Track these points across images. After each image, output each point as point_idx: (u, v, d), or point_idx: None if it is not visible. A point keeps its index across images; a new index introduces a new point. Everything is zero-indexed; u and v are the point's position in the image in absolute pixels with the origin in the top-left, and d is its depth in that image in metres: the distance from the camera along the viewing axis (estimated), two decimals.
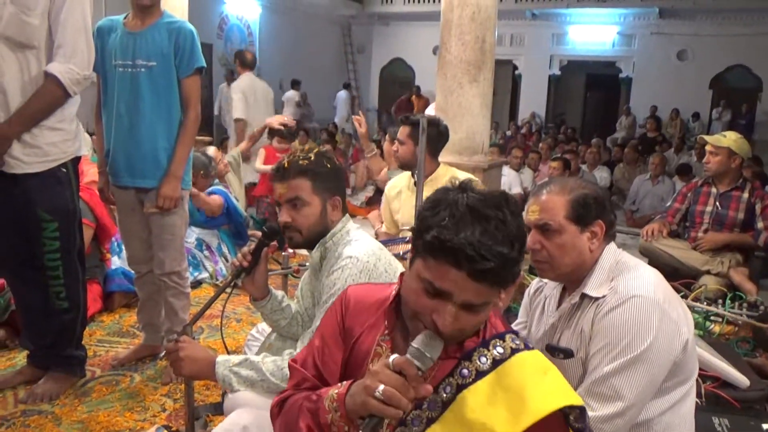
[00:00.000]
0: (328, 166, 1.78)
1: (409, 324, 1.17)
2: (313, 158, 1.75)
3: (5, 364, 2.68)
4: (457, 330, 1.08)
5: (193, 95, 2.51)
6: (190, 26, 2.49)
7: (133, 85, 2.43)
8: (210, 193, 4.08)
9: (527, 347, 1.14)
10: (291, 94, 13.42)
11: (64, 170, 2.27)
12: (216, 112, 10.46)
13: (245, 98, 5.42)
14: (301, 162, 1.74)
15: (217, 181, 4.28)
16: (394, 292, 1.25)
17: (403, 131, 3.05)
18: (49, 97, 2.15)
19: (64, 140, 2.24)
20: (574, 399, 1.07)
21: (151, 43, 2.43)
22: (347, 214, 1.87)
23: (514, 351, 1.12)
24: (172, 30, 2.44)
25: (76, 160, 2.35)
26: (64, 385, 2.47)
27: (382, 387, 1.00)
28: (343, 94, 14.96)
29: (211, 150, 4.79)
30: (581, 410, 1.06)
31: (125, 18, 2.51)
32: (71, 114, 2.27)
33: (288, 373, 1.63)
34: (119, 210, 2.69)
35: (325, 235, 1.80)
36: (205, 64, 2.54)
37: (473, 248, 1.01)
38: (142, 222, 2.62)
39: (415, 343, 1.05)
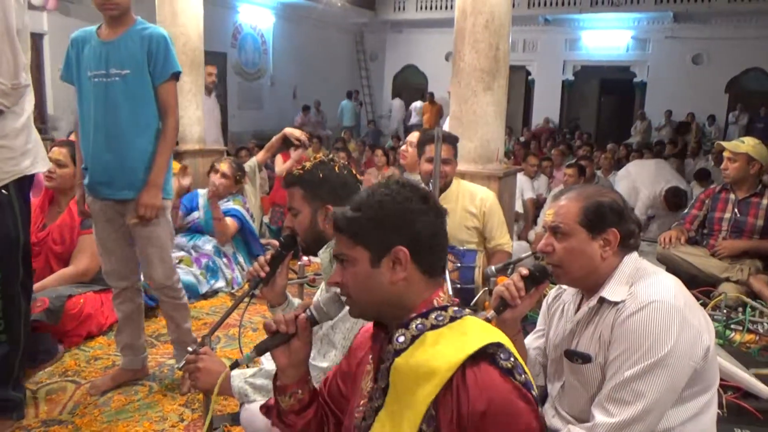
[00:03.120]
0: (321, 175, 1.80)
1: None
2: (307, 167, 1.82)
3: (25, 373, 2.70)
4: (344, 289, 1.22)
5: (170, 102, 2.44)
6: (163, 31, 2.43)
7: (108, 94, 2.37)
8: (225, 213, 4.09)
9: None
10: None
11: (5, 192, 2.06)
12: None
13: None
14: (295, 172, 1.83)
15: (235, 196, 4.27)
16: None
17: (447, 149, 2.90)
18: None
19: (6, 159, 2.03)
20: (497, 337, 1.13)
21: (124, 51, 2.36)
22: None
23: (453, 318, 1.16)
24: (144, 36, 2.37)
25: (25, 180, 2.14)
26: None
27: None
28: (397, 101, 15.59)
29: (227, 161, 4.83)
30: (502, 346, 1.11)
31: (98, 28, 2.44)
32: (15, 129, 2.05)
33: None
34: (95, 222, 2.58)
35: (322, 242, 1.83)
36: (180, 69, 2.47)
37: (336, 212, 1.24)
38: (119, 234, 2.53)
39: (321, 296, 1.25)
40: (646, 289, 1.48)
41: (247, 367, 1.80)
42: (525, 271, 1.65)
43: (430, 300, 1.19)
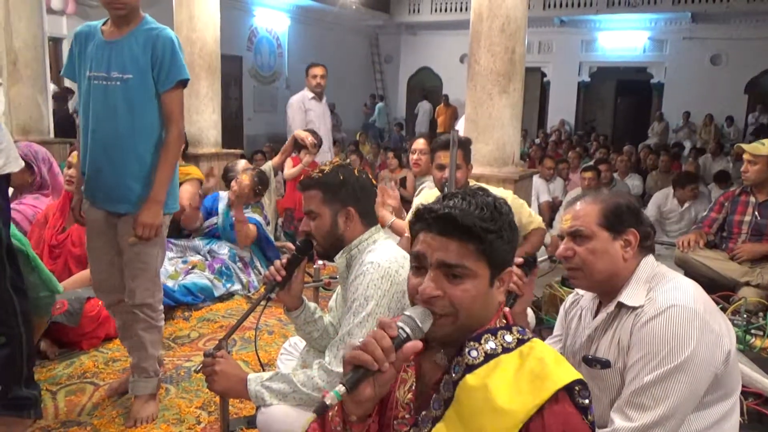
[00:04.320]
0: (341, 178, 1.81)
1: None
2: (326, 171, 1.82)
3: (45, 375, 2.74)
4: (447, 305, 1.08)
5: (175, 111, 2.25)
6: (171, 34, 2.23)
7: (108, 99, 2.19)
8: None
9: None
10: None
11: None
12: None
13: None
14: (314, 174, 1.83)
15: (255, 205, 4.29)
16: None
17: (457, 155, 2.83)
18: None
19: None
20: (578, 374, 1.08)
21: (127, 53, 2.17)
22: (377, 225, 1.89)
23: (521, 341, 1.12)
24: (149, 38, 2.18)
25: (2, 179, 2.06)
26: (15, 430, 2.18)
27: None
28: (426, 104, 15.92)
29: (242, 163, 4.86)
30: (583, 383, 1.07)
31: (104, 24, 2.26)
32: None
33: (319, 383, 1.66)
34: (88, 231, 2.43)
35: (340, 246, 1.84)
36: (188, 76, 2.27)
37: (440, 207, 1.10)
38: (110, 246, 2.37)
39: (408, 311, 1.09)
40: (665, 293, 1.48)
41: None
42: (519, 260, 1.69)
43: (499, 313, 1.17)
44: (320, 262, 4.64)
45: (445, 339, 1.13)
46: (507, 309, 1.21)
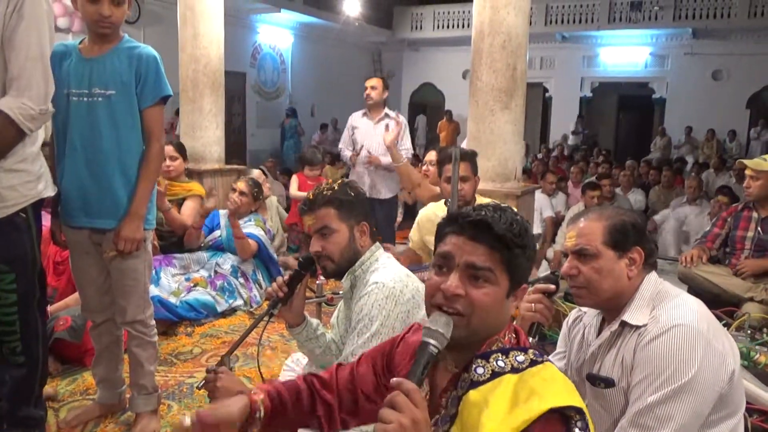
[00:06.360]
0: (352, 194, 1.85)
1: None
2: (336, 188, 1.83)
3: (48, 392, 2.73)
4: (467, 304, 1.11)
5: (156, 126, 2.29)
6: (153, 52, 2.28)
7: (90, 115, 2.21)
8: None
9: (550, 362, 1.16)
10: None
11: (23, 215, 2.01)
12: None
13: None
14: (325, 192, 1.82)
15: (256, 214, 4.31)
16: None
17: (465, 167, 2.91)
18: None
19: (24, 182, 1.99)
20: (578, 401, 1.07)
21: (109, 69, 2.21)
22: (377, 242, 1.91)
23: (533, 363, 1.12)
24: (133, 56, 2.23)
25: (39, 203, 2.10)
26: None
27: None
28: (422, 118, 16.30)
29: (256, 173, 4.91)
30: (582, 414, 1.05)
31: (80, 43, 2.29)
32: (33, 153, 2.01)
33: None
34: (72, 253, 2.42)
35: (353, 261, 1.85)
36: (171, 93, 2.31)
37: (475, 213, 1.15)
38: (98, 266, 2.37)
39: (429, 323, 1.11)
40: (669, 312, 1.47)
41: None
42: (552, 287, 1.70)
43: (509, 326, 1.19)
44: (323, 277, 4.63)
45: (456, 342, 1.13)
46: (518, 325, 1.22)
